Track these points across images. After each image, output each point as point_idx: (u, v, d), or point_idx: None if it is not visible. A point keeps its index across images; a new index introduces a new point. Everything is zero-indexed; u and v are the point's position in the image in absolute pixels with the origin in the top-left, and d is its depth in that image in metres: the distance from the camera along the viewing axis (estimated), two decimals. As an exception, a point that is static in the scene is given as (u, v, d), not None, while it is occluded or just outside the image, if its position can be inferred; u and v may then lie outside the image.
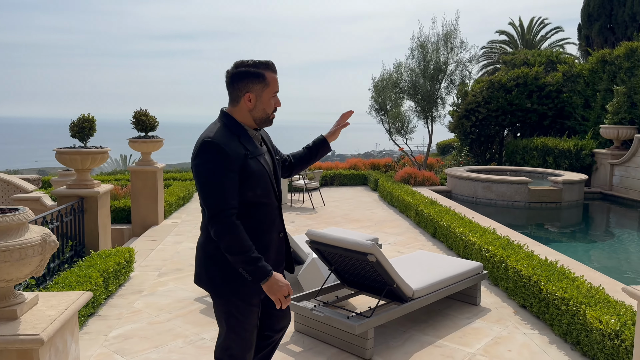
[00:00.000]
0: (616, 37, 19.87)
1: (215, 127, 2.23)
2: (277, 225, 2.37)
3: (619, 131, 11.81)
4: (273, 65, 2.28)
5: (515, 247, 5.28)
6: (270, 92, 2.26)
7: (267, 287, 2.16)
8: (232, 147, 2.17)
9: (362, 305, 4.46)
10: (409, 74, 17.10)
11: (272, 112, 2.31)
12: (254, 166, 2.22)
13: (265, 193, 2.27)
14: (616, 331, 3.26)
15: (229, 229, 2.11)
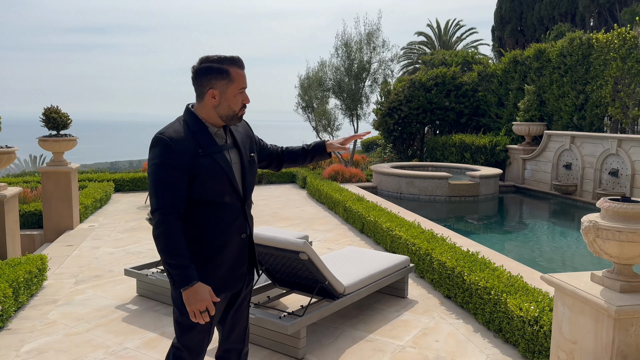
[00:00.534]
0: (526, 38, 21.26)
1: (172, 123, 2.19)
2: (238, 226, 2.27)
3: (529, 128, 12.62)
4: (239, 61, 2.22)
5: (439, 240, 5.47)
6: (235, 88, 2.20)
7: (185, 296, 2.08)
8: (182, 144, 2.11)
9: (294, 304, 4.41)
10: (333, 72, 17.30)
11: (240, 108, 2.24)
12: (207, 164, 2.14)
13: (220, 192, 2.18)
14: (535, 317, 3.45)
15: (163, 228, 2.06)
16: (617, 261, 2.88)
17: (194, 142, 2.14)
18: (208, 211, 2.18)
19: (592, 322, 2.86)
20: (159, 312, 4.40)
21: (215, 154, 2.18)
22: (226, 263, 2.24)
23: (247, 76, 2.27)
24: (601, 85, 11.23)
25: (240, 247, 2.29)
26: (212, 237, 2.20)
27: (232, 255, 2.26)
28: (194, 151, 2.12)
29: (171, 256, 2.05)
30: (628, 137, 9.60)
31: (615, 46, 10.71)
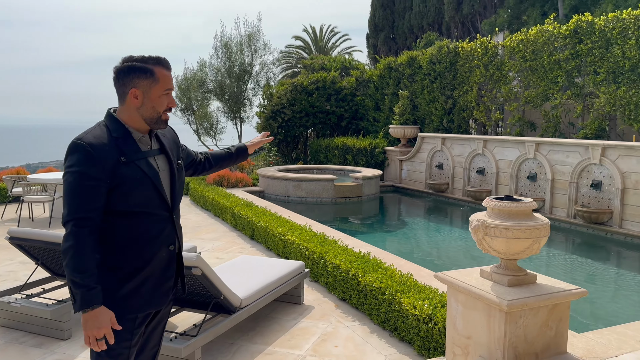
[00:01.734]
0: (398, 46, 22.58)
1: (92, 128, 2.02)
2: (166, 238, 2.09)
3: (405, 131, 13.35)
4: (165, 62, 2.09)
5: (331, 243, 5.48)
6: (159, 89, 2.05)
7: (83, 319, 1.90)
8: (103, 151, 1.94)
9: (182, 323, 4.11)
10: (214, 74, 16.85)
11: (165, 111, 2.09)
12: (130, 172, 1.98)
13: (144, 202, 2.01)
14: (429, 315, 3.55)
15: (73, 241, 1.88)
16: (504, 257, 3.05)
17: (115, 148, 1.97)
18: (132, 222, 2.01)
19: (484, 316, 3.00)
20: (25, 344, 3.83)
21: (139, 161, 2.02)
22: (152, 278, 2.07)
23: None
24: (467, 90, 12.23)
25: (168, 260, 2.12)
26: (137, 251, 2.02)
27: (158, 269, 2.08)
28: (115, 159, 1.96)
29: (76, 273, 1.87)
30: (492, 138, 10.55)
31: (479, 54, 11.73)
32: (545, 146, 9.26)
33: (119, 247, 2.00)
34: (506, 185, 10.16)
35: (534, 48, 10.42)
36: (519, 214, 2.96)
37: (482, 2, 20.65)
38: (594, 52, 9.19)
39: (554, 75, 10.09)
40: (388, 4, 22.49)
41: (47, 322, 3.79)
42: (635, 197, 7.66)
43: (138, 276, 2.03)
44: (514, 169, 9.93)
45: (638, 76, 8.55)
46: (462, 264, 6.69)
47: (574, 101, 9.96)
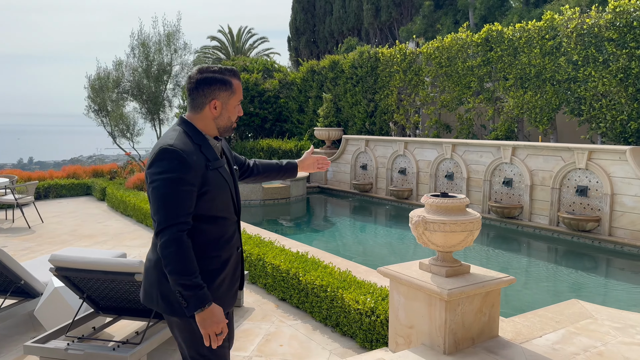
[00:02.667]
0: (320, 50, 22.92)
1: (175, 134, 2.05)
2: (237, 240, 2.22)
3: (329, 133, 13.61)
4: (238, 73, 2.19)
5: (268, 244, 5.51)
6: (236, 99, 2.17)
7: (200, 318, 1.95)
8: (194, 157, 2.01)
9: (121, 332, 3.96)
10: (131, 73, 16.15)
11: (235, 120, 2.20)
12: (215, 178, 2.08)
13: (224, 207, 2.13)
14: (372, 308, 3.70)
15: (176, 246, 1.92)
16: (441, 249, 3.26)
17: (202, 155, 2.06)
18: (213, 226, 2.09)
19: (426, 306, 3.19)
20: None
21: (221, 168, 2.14)
22: (227, 279, 2.16)
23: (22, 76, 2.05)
24: (387, 94, 12.71)
25: (237, 261, 2.23)
26: (216, 253, 2.11)
27: (231, 271, 2.18)
28: (204, 165, 2.04)
29: (185, 276, 1.91)
30: (412, 139, 11.06)
31: (398, 60, 12.24)
32: (461, 147, 9.86)
33: (202, 250, 2.06)
34: (426, 184, 10.70)
35: (449, 55, 11.07)
36: (455, 209, 3.18)
37: (399, 9, 21.54)
38: (504, 59, 9.94)
39: (468, 81, 10.77)
40: (309, 8, 22.81)
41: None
42: (543, 193, 8.39)
43: (218, 278, 2.10)
44: (433, 169, 10.48)
45: (542, 82, 9.37)
46: (388, 260, 6.97)
47: (485, 105, 10.69)
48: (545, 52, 9.16)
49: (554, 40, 9.00)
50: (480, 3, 17.39)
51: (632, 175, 7.15)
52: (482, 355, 3.07)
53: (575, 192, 7.91)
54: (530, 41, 9.39)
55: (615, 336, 3.42)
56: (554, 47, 9.02)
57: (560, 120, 10.35)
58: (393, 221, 9.88)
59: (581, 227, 7.54)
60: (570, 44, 8.63)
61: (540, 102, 9.42)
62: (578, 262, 6.83)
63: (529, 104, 9.62)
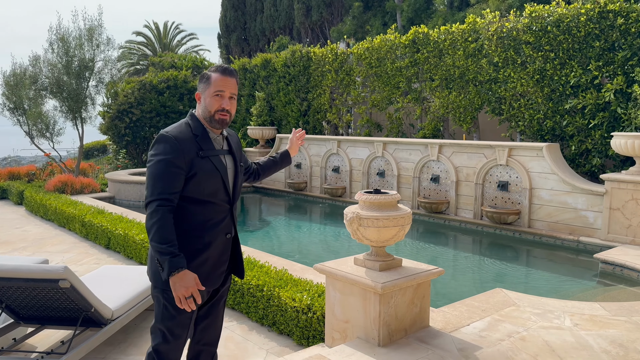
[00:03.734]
0: (251, 47, 22.68)
1: (177, 124, 2.40)
2: (225, 226, 2.43)
3: (263, 132, 13.53)
4: (225, 69, 2.40)
5: (201, 246, 5.39)
6: (210, 91, 2.37)
7: (171, 282, 2.19)
8: (184, 143, 2.30)
9: (45, 342, 3.74)
10: (49, 70, 15.24)
11: (216, 111, 2.38)
12: (204, 165, 2.33)
13: (212, 192, 2.36)
14: (308, 305, 3.73)
15: (156, 217, 2.20)
16: (375, 244, 3.34)
17: (195, 144, 2.33)
18: (200, 209, 2.34)
19: (361, 300, 3.26)
20: None
21: (213, 157, 2.38)
22: (210, 260, 2.38)
23: None
24: (320, 94, 12.83)
25: (225, 246, 2.45)
26: (200, 234, 2.34)
27: (216, 253, 2.41)
28: (194, 151, 2.31)
29: (162, 244, 2.18)
30: (345, 138, 11.23)
31: (330, 60, 12.38)
32: (392, 145, 10.14)
33: (186, 230, 2.31)
34: (359, 182, 10.91)
35: (379, 56, 11.34)
36: (387, 205, 3.27)
37: (329, 10, 21.78)
38: (430, 60, 10.32)
39: (397, 81, 11.09)
40: (239, 5, 22.52)
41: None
42: (467, 188, 8.80)
43: (199, 257, 2.34)
44: (365, 167, 10.70)
45: (466, 83, 9.82)
46: (324, 257, 7.03)
47: (413, 105, 11.06)
48: (468, 54, 9.61)
49: (476, 42, 9.47)
50: (407, 6, 17.96)
51: (548, 170, 7.67)
52: (415, 345, 3.18)
53: (497, 187, 8.36)
54: (455, 43, 9.82)
55: (535, 321, 3.66)
56: (476, 49, 9.48)
57: (483, 119, 10.91)
58: (328, 219, 9.99)
59: (503, 220, 7.99)
60: (491, 47, 9.11)
61: (464, 102, 9.87)
62: (501, 253, 7.23)
63: (453, 104, 10.06)
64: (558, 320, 3.67)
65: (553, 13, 8.32)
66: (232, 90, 2.42)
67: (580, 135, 8.27)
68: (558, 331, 3.49)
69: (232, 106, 2.44)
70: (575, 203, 7.33)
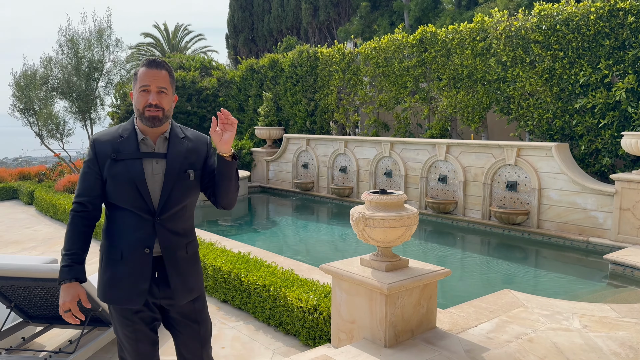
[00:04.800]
0: (259, 48, 22.73)
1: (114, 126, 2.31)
2: (144, 239, 2.14)
3: (270, 132, 13.55)
4: (152, 62, 2.17)
5: (209, 245, 5.41)
6: (137, 87, 2.16)
7: (61, 292, 2.14)
8: (102, 145, 2.16)
9: (53, 341, 3.76)
10: (60, 71, 15.38)
11: (144, 108, 2.14)
12: (116, 169, 2.13)
13: (126, 199, 2.13)
14: (314, 305, 3.72)
15: (68, 222, 2.17)
16: (381, 245, 3.33)
17: (113, 146, 2.14)
18: (119, 216, 2.16)
19: (367, 301, 3.25)
20: None
21: (131, 161, 2.13)
22: (125, 274, 2.15)
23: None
24: (327, 93, 12.82)
25: (142, 262, 2.15)
26: (116, 243, 2.16)
27: (130, 268, 2.14)
28: (109, 154, 2.13)
29: (63, 251, 2.15)
30: (352, 138, 11.22)
31: (337, 60, 12.37)
32: (399, 145, 10.12)
33: (107, 236, 2.19)
34: (366, 182, 10.88)
35: (386, 55, 11.31)
36: (393, 206, 3.26)
37: (337, 10, 21.77)
38: (437, 60, 10.28)
39: (404, 81, 11.06)
40: (247, 5, 22.58)
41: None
42: (475, 188, 8.76)
43: (115, 268, 2.15)
44: (372, 167, 10.68)
45: (474, 82, 9.77)
46: (330, 258, 7.04)
47: (421, 104, 11.02)
48: (476, 53, 9.56)
49: (485, 41, 9.42)
50: (415, 5, 17.90)
51: (557, 170, 7.61)
52: (421, 347, 3.17)
53: (505, 187, 8.31)
54: (462, 42, 9.77)
55: (544, 323, 3.63)
56: (485, 49, 9.43)
57: (491, 119, 10.84)
58: (335, 219, 9.98)
59: (512, 220, 7.94)
60: (500, 46, 9.06)
61: (472, 102, 9.82)
62: (509, 254, 7.19)
63: (461, 103, 10.01)
64: (567, 322, 3.64)
65: (562, 11, 8.25)
66: (159, 83, 2.13)
67: (590, 135, 8.19)
68: (567, 333, 3.46)
69: (162, 100, 2.14)
70: (585, 203, 7.27)
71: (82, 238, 2.15)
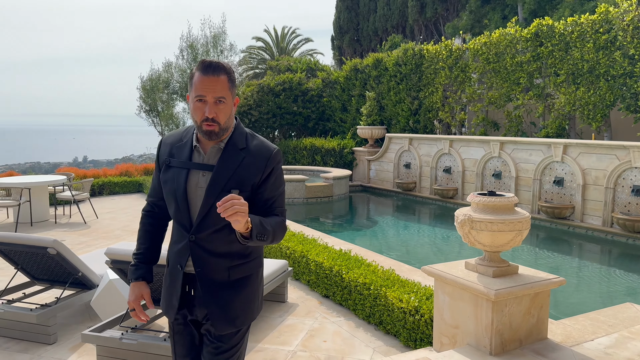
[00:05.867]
0: (363, 48, 22.83)
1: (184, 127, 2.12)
2: (180, 255, 1.92)
3: (372, 131, 13.56)
4: (208, 66, 1.84)
5: (311, 242, 5.56)
6: (192, 95, 1.87)
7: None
8: (164, 148, 2.03)
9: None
10: (180, 74, 16.64)
11: (201, 122, 1.84)
12: (167, 176, 1.98)
13: (171, 209, 1.97)
14: (416, 307, 3.68)
15: (140, 220, 2.16)
16: (488, 249, 3.20)
17: (171, 150, 2.00)
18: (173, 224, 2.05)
19: (472, 306, 3.14)
20: (10, 349, 3.73)
21: (178, 170, 1.93)
22: (166, 285, 2.02)
23: (76, 77, 2.02)
24: (432, 92, 12.54)
25: (175, 277, 1.95)
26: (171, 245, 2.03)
27: (169, 281, 1.99)
28: (165, 158, 2.01)
29: (135, 249, 2.13)
30: (458, 137, 10.87)
31: (443, 57, 12.05)
32: (510, 145, 9.61)
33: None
34: (472, 183, 10.49)
35: (497, 50, 10.80)
36: (502, 208, 3.12)
37: (444, 5, 21.19)
38: (554, 54, 9.62)
39: (517, 77, 10.48)
40: (353, 6, 22.79)
41: (32, 327, 3.73)
42: (595, 193, 8.07)
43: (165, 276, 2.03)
44: (479, 168, 10.26)
45: (596, 78, 9.00)
46: (432, 260, 6.89)
47: (535, 101, 10.37)
48: (599, 46, 8.80)
49: (609, 34, 8.63)
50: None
51: (694, 174, 6.78)
52: (530, 357, 3.00)
53: (631, 192, 7.56)
54: (583, 35, 9.04)
55: (674, 342, 3.26)
56: (609, 41, 8.65)
57: (615, 117, 9.92)
58: (437, 220, 9.74)
59: (637, 228, 7.21)
60: (627, 38, 8.25)
61: (594, 99, 9.06)
62: (633, 265, 6.53)
63: (581, 100, 9.27)
64: None
65: None
66: (217, 93, 1.83)
67: None
68: (703, 357, 3.08)
69: (219, 113, 1.85)
70: None
71: (150, 237, 2.09)
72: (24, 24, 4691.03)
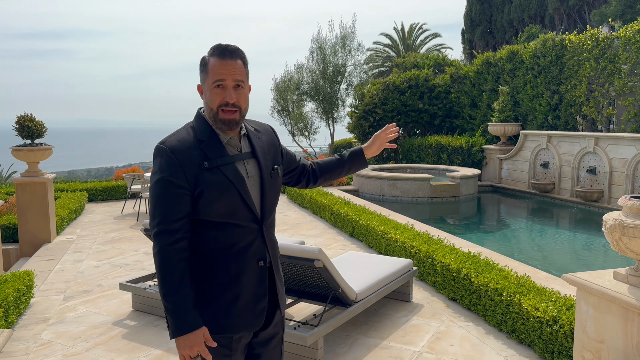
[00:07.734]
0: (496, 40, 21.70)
1: (179, 130, 1.86)
2: (255, 252, 1.84)
3: (505, 128, 12.83)
4: (223, 48, 1.79)
5: (437, 242, 5.43)
6: (209, 82, 1.79)
7: (176, 339, 1.74)
8: (183, 154, 1.76)
9: (300, 314, 4.29)
10: (309, 75, 17.27)
11: (218, 107, 1.78)
12: (213, 178, 1.77)
13: (229, 212, 1.79)
14: (554, 317, 3.42)
15: (159, 258, 1.73)
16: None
17: (199, 152, 1.78)
18: (218, 234, 1.80)
19: (620, 320, 2.85)
20: (159, 327, 4.20)
21: (225, 167, 1.79)
22: (242, 296, 1.83)
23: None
24: (575, 85, 11.51)
25: (260, 276, 1.86)
26: (224, 265, 1.81)
27: (249, 287, 1.84)
28: (197, 163, 1.76)
29: (167, 297, 1.71)
30: (605, 135, 9.85)
31: (589, 47, 11.00)
32: (669, 143, 8.49)
33: (206, 260, 1.82)
34: (621, 185, 9.44)
35: (655, 37, 9.59)
36: (662, 214, 2.78)
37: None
38: None
39: (679, 66, 9.22)
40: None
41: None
42: None
43: (228, 293, 1.82)
44: (630, 168, 9.20)
45: None
46: (571, 268, 6.35)
47: (703, 93, 9.04)
48: None
49: None
50: (699, -27, 14.69)
51: None
52: (694, 385, 2.64)
53: None
54: None
55: None
56: None
57: None
58: (578, 225, 8.95)
59: None
60: None
61: None
62: None
63: None
64: None
65: None
66: (236, 76, 1.78)
67: None
68: None
69: (240, 98, 1.79)
70: None
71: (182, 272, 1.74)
72: (171, 34, 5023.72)
